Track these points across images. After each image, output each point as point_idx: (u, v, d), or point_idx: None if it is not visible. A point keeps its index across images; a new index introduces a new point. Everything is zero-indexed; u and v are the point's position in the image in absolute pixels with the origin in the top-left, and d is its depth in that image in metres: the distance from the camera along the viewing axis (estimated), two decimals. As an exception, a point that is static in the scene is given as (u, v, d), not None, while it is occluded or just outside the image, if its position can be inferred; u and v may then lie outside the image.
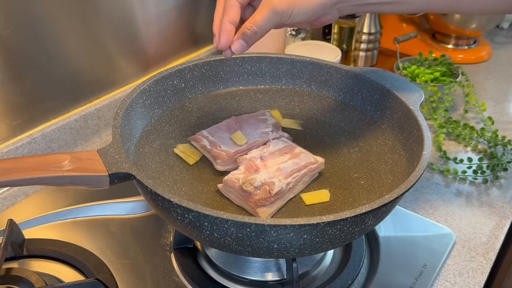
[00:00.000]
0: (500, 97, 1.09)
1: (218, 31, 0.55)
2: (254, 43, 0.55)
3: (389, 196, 0.48)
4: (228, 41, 0.54)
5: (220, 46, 0.55)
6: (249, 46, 0.55)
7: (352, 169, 0.62)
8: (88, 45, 0.85)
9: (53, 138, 0.83)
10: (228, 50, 0.55)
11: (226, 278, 0.62)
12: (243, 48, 0.55)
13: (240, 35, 0.54)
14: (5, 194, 0.77)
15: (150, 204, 0.53)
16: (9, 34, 0.72)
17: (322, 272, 0.64)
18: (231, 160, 0.62)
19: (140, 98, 0.64)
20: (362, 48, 1.18)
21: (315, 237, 0.47)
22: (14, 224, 0.62)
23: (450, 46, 1.26)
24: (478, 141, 0.92)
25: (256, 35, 0.54)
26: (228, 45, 0.54)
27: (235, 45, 0.54)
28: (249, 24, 0.54)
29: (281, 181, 0.56)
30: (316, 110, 0.73)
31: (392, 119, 0.67)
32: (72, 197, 0.75)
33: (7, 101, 0.76)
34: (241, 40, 0.54)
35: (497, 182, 0.83)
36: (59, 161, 0.48)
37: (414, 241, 0.69)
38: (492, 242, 0.71)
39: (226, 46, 0.55)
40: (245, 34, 0.54)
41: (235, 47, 0.54)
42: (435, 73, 1.00)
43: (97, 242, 0.67)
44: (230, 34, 0.54)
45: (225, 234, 0.47)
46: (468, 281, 0.65)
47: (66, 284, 0.58)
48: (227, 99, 0.74)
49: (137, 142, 0.63)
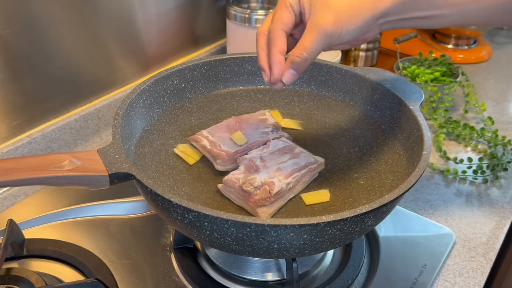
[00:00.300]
0: (500, 97, 1.09)
1: (267, 64, 0.53)
2: (304, 70, 0.52)
3: (389, 196, 0.48)
4: (281, 72, 0.51)
5: (273, 79, 0.52)
6: (299, 75, 0.53)
7: (352, 169, 0.62)
8: (88, 45, 0.85)
9: (53, 138, 0.83)
10: (280, 83, 0.52)
11: (226, 278, 0.62)
12: (294, 78, 0.52)
13: (289, 64, 0.51)
14: (5, 194, 0.77)
15: (150, 204, 0.53)
16: (9, 34, 0.72)
17: (322, 272, 0.64)
18: (231, 160, 0.62)
19: (140, 98, 0.64)
20: (362, 48, 1.18)
21: (315, 237, 0.47)
22: (14, 224, 0.62)
23: (450, 46, 1.26)
24: (478, 141, 0.92)
25: (307, 61, 0.51)
26: (281, 76, 0.52)
27: (286, 76, 0.51)
28: (298, 51, 0.51)
29: (281, 181, 0.56)
30: (316, 110, 0.73)
31: (392, 119, 0.67)
32: (72, 197, 0.75)
33: (7, 101, 0.76)
34: (291, 70, 0.51)
35: (497, 182, 0.83)
36: (59, 161, 0.48)
37: (414, 241, 0.69)
38: (492, 242, 0.71)
39: (279, 78, 0.52)
40: (294, 63, 0.51)
41: (286, 78, 0.52)
42: (435, 73, 1.00)
43: (97, 242, 0.67)
44: (282, 64, 0.52)
45: (225, 234, 0.47)
46: (468, 281, 0.65)
47: (66, 284, 0.58)
48: (227, 99, 0.74)
49: (137, 142, 0.63)
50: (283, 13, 0.53)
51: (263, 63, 0.53)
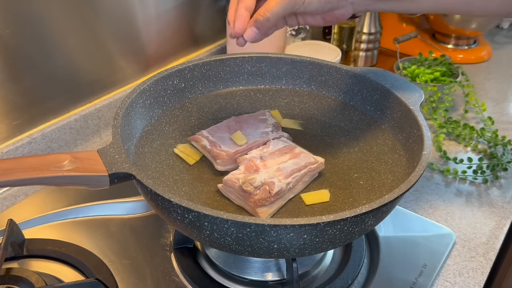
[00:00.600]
0: (500, 97, 1.09)
1: (233, 19, 0.54)
2: (266, 30, 0.54)
3: (389, 196, 0.48)
4: (242, 27, 0.53)
5: (234, 32, 0.54)
6: (262, 34, 0.54)
7: (352, 169, 0.62)
8: (88, 45, 0.85)
9: (53, 138, 0.83)
10: (241, 39, 0.54)
11: (226, 278, 0.62)
12: (256, 35, 0.54)
13: (252, 22, 0.53)
14: (5, 194, 0.77)
15: (150, 204, 0.53)
16: (9, 34, 0.72)
17: (322, 272, 0.64)
18: (231, 160, 0.62)
19: (140, 98, 0.64)
20: (362, 48, 1.18)
21: (315, 237, 0.47)
22: (14, 224, 0.62)
23: (450, 46, 1.26)
24: (478, 141, 0.92)
25: (269, 21, 0.53)
26: (242, 31, 0.53)
27: (247, 32, 0.53)
28: (262, 11, 0.53)
29: (281, 181, 0.56)
30: (316, 110, 0.73)
31: (392, 119, 0.67)
32: (72, 197, 0.75)
33: (7, 101, 0.76)
34: (253, 27, 0.53)
35: (497, 182, 0.83)
36: (59, 161, 0.48)
37: (414, 241, 0.69)
38: (492, 242, 0.71)
39: (240, 32, 0.53)
40: (257, 21, 0.53)
41: (247, 34, 0.53)
42: (435, 73, 1.00)
43: (97, 242, 0.67)
44: (245, 20, 0.53)
45: (225, 234, 0.47)
46: (468, 281, 0.65)
47: (66, 284, 0.58)
48: (227, 99, 0.74)
49: (137, 142, 0.63)
50: None
51: (229, 17, 0.55)
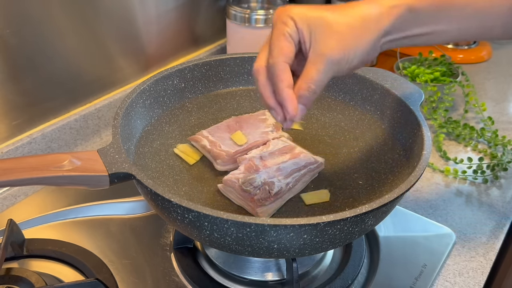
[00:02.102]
0: (500, 97, 1.09)
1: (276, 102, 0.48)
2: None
3: (389, 196, 0.48)
4: (295, 110, 0.46)
5: (290, 117, 0.47)
6: (309, 109, 0.49)
7: (352, 169, 0.62)
8: (88, 45, 0.85)
9: (53, 138, 0.83)
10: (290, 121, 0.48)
11: (226, 278, 0.62)
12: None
13: (298, 99, 0.47)
14: (5, 194, 0.77)
15: (150, 204, 0.53)
16: (9, 34, 0.72)
17: (322, 272, 0.64)
18: (231, 160, 0.62)
19: (140, 98, 0.64)
20: (362, 48, 1.18)
21: (315, 237, 0.47)
22: (14, 224, 0.62)
23: (450, 46, 1.26)
24: (478, 141, 0.92)
25: (315, 94, 0.47)
26: (296, 113, 0.47)
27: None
28: (305, 84, 0.47)
29: (281, 181, 0.56)
30: (316, 110, 0.73)
31: (392, 119, 0.67)
32: (72, 197, 0.75)
33: (7, 101, 0.76)
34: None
35: (497, 182, 0.83)
36: (59, 161, 0.48)
37: (414, 241, 0.69)
38: (492, 242, 0.71)
39: (296, 115, 0.47)
40: (303, 97, 0.47)
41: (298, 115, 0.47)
42: (435, 73, 1.00)
43: (97, 242, 0.67)
44: (295, 100, 0.47)
45: (225, 234, 0.47)
46: (468, 281, 0.65)
47: (66, 284, 0.58)
48: (227, 99, 0.74)
49: (137, 142, 0.63)
50: (282, 43, 0.48)
51: (271, 102, 0.49)
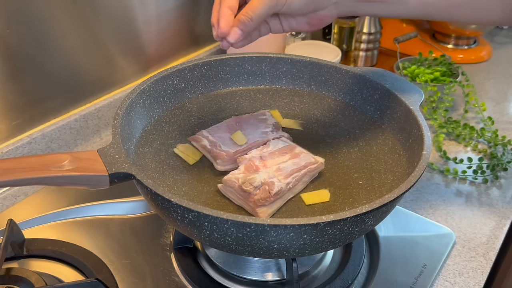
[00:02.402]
0: (500, 97, 1.09)
1: (216, 20, 0.53)
2: (250, 31, 0.53)
3: (389, 196, 0.48)
4: (227, 26, 0.52)
5: (220, 32, 0.52)
6: (245, 35, 0.53)
7: (352, 169, 0.62)
8: (88, 45, 0.85)
9: (53, 138, 0.83)
10: (225, 41, 0.53)
11: (226, 278, 0.62)
12: (239, 36, 0.52)
13: (236, 22, 0.52)
14: (5, 194, 0.77)
15: (150, 204, 0.53)
16: (9, 34, 0.72)
17: (322, 272, 0.64)
18: (231, 160, 0.62)
19: (140, 98, 0.64)
20: (362, 48, 1.18)
21: (315, 237, 0.47)
22: (14, 224, 0.62)
23: (450, 46, 1.26)
24: (478, 141, 0.92)
25: (252, 21, 0.52)
26: (227, 30, 0.52)
27: (232, 33, 0.52)
28: (244, 11, 0.52)
29: (281, 181, 0.56)
30: (316, 110, 0.73)
31: (392, 119, 0.67)
32: (72, 197, 0.75)
33: (7, 101, 0.76)
34: (236, 28, 0.52)
35: (497, 182, 0.83)
36: (59, 161, 0.48)
37: (414, 241, 0.69)
38: (492, 242, 0.71)
39: (225, 32, 0.52)
40: (241, 22, 0.52)
41: (231, 36, 0.52)
42: (435, 73, 1.00)
43: (97, 242, 0.67)
44: (229, 19, 0.52)
45: (225, 234, 0.47)
46: (468, 281, 0.65)
47: (66, 284, 0.58)
48: (227, 99, 0.74)
49: (137, 142, 0.63)
50: None
51: (213, 19, 0.53)
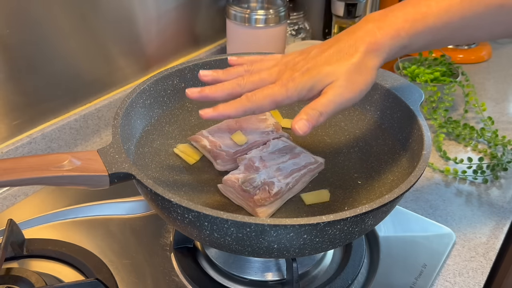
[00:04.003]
0: (500, 97, 1.09)
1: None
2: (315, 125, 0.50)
3: (389, 196, 0.48)
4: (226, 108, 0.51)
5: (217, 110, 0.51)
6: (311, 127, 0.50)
7: (352, 169, 0.62)
8: (88, 45, 0.85)
9: (53, 138, 0.83)
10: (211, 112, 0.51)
11: (226, 278, 0.62)
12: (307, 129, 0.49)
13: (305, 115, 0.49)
14: (5, 194, 0.77)
15: (150, 204, 0.53)
16: (9, 34, 0.72)
17: (322, 272, 0.64)
18: (231, 160, 0.62)
19: (140, 98, 0.64)
20: (362, 48, 1.18)
21: (315, 237, 0.47)
22: (14, 224, 0.62)
23: (450, 46, 1.26)
24: (478, 141, 0.92)
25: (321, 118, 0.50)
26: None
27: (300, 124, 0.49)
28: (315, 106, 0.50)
29: (281, 181, 0.56)
30: (316, 110, 0.73)
31: (392, 119, 0.67)
32: (72, 197, 0.75)
33: (7, 101, 0.76)
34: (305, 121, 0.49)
35: (497, 182, 0.83)
36: (59, 161, 0.48)
37: (414, 241, 0.69)
38: (492, 242, 0.71)
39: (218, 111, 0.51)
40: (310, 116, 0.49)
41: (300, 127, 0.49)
42: (435, 73, 1.00)
43: (97, 242, 0.67)
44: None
45: (225, 234, 0.47)
46: (468, 281, 0.65)
47: (66, 284, 0.58)
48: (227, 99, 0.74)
49: (137, 142, 0.63)
50: None
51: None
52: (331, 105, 0.50)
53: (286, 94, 0.51)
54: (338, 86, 0.51)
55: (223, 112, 0.50)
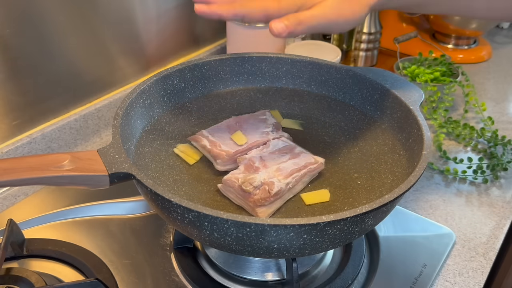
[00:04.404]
0: (500, 97, 1.09)
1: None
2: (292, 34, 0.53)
3: (389, 196, 0.48)
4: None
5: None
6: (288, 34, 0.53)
7: (352, 169, 0.62)
8: (88, 45, 0.85)
9: (53, 138, 0.83)
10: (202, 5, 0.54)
11: (226, 278, 0.62)
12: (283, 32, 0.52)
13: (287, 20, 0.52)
14: (5, 194, 0.77)
15: (150, 204, 0.53)
16: (9, 34, 0.72)
17: (322, 272, 0.64)
18: (231, 160, 0.62)
19: (140, 98, 0.64)
20: (362, 48, 1.18)
21: (315, 237, 0.47)
22: (14, 224, 0.62)
23: (450, 46, 1.26)
24: (478, 141, 0.92)
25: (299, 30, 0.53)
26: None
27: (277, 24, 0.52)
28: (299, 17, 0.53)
29: (281, 181, 0.56)
30: (316, 110, 0.73)
31: (392, 119, 0.67)
32: (72, 197, 0.75)
33: (7, 101, 0.76)
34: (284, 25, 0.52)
35: (497, 182, 0.83)
36: (59, 161, 0.48)
37: (414, 241, 0.69)
38: (492, 242, 0.71)
39: None
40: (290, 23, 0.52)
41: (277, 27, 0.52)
42: (435, 73, 1.00)
43: (97, 242, 0.67)
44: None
45: (225, 234, 0.47)
46: (468, 281, 0.65)
47: (66, 284, 0.58)
48: (227, 99, 0.74)
49: (137, 142, 0.63)
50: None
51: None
52: (312, 19, 0.53)
53: (278, 8, 0.54)
54: (325, 5, 0.54)
55: (216, 11, 0.53)
